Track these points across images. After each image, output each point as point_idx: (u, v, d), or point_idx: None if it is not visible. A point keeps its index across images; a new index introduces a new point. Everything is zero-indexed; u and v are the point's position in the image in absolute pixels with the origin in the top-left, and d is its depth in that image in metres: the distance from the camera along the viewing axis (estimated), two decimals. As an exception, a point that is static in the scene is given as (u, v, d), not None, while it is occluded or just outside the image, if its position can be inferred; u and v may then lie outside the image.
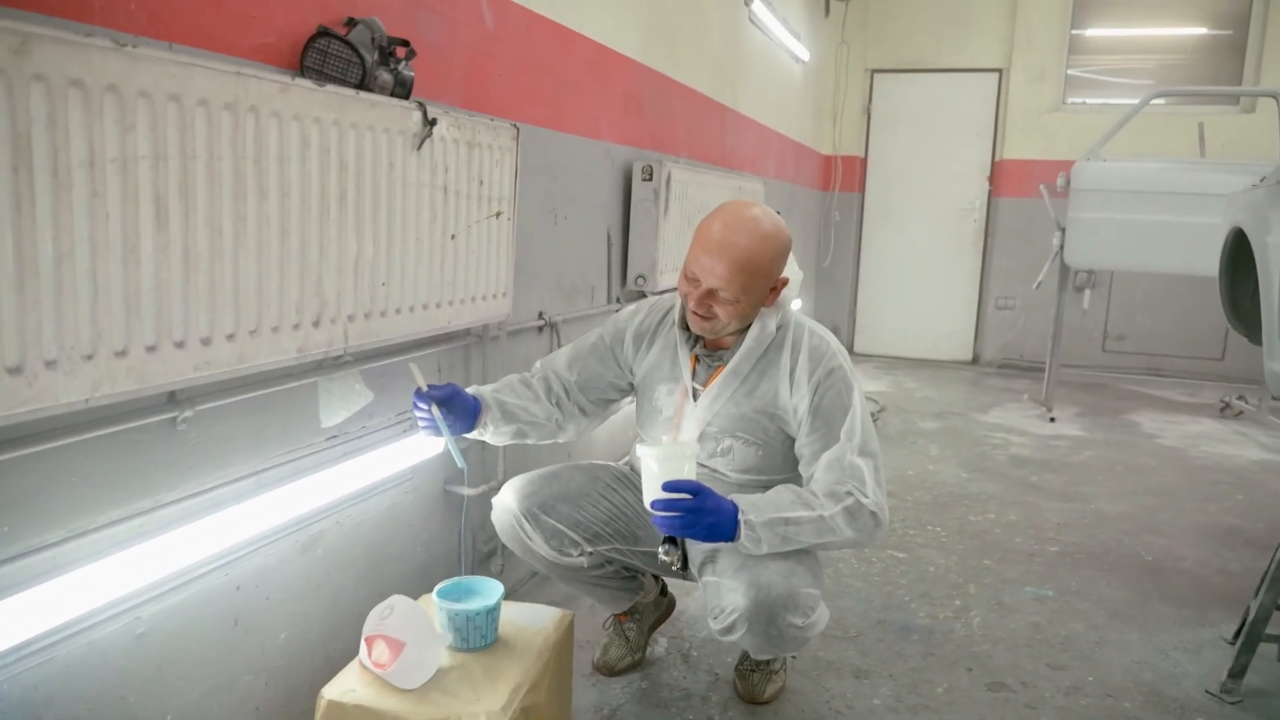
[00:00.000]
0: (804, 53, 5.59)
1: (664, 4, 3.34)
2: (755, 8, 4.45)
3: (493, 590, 1.63)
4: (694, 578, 1.85)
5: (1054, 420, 4.77)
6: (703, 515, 1.56)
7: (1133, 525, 3.20)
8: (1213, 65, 6.03)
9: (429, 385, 1.63)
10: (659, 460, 1.58)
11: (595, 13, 2.75)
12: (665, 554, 1.64)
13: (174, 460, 1.38)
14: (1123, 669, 2.17)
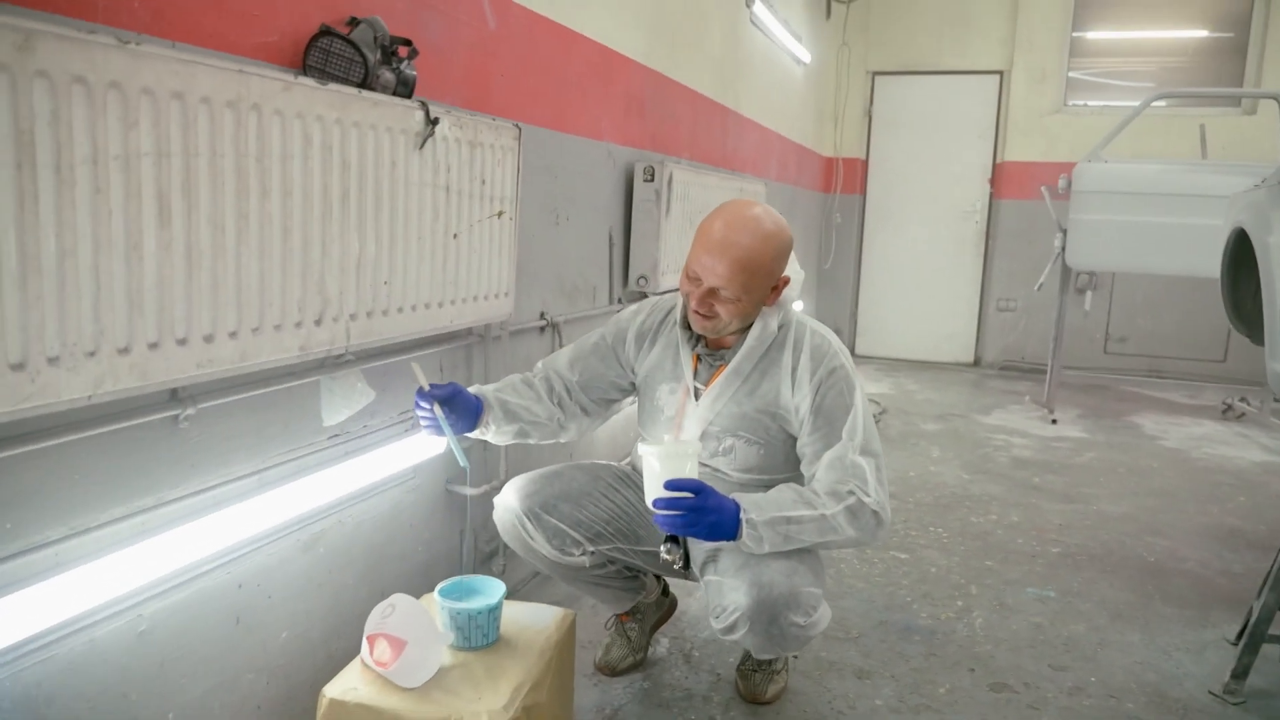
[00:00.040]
0: (805, 55, 5.59)
1: (665, 5, 3.35)
2: (756, 9, 4.45)
3: (494, 589, 1.63)
4: (695, 577, 1.85)
5: (1056, 422, 4.76)
6: (704, 514, 1.56)
7: (1135, 526, 3.19)
8: (1214, 67, 6.03)
9: (431, 384, 1.64)
10: (661, 459, 1.58)
11: (597, 14, 2.75)
12: (667, 553, 1.64)
13: (176, 458, 1.39)
14: (1125, 670, 2.16)
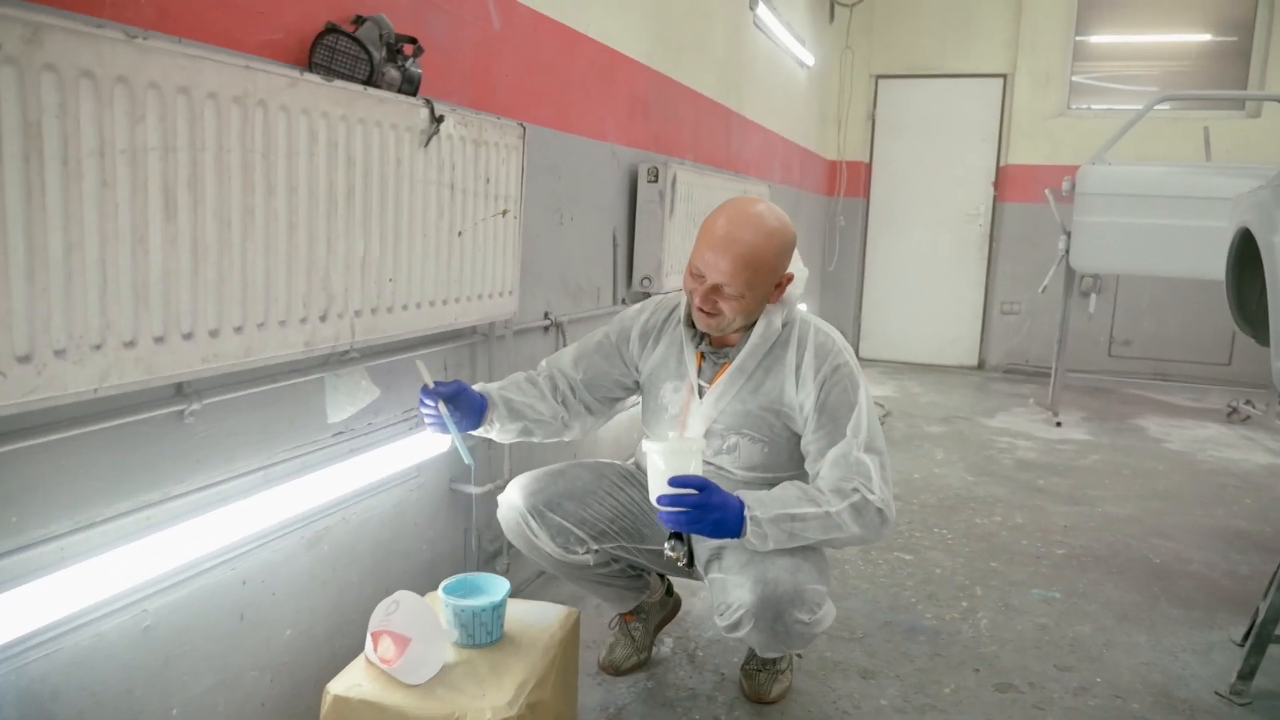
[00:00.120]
0: (809, 58, 5.60)
1: (669, 7, 3.35)
2: (760, 12, 4.46)
3: (499, 587, 1.63)
4: (700, 576, 1.84)
5: (1060, 425, 4.75)
6: (709, 511, 1.55)
7: (1140, 528, 3.18)
8: (1217, 71, 6.03)
9: (435, 382, 1.64)
10: (665, 456, 1.58)
11: (601, 15, 2.76)
12: (671, 550, 1.64)
13: (181, 453, 1.39)
14: (1131, 670, 2.15)
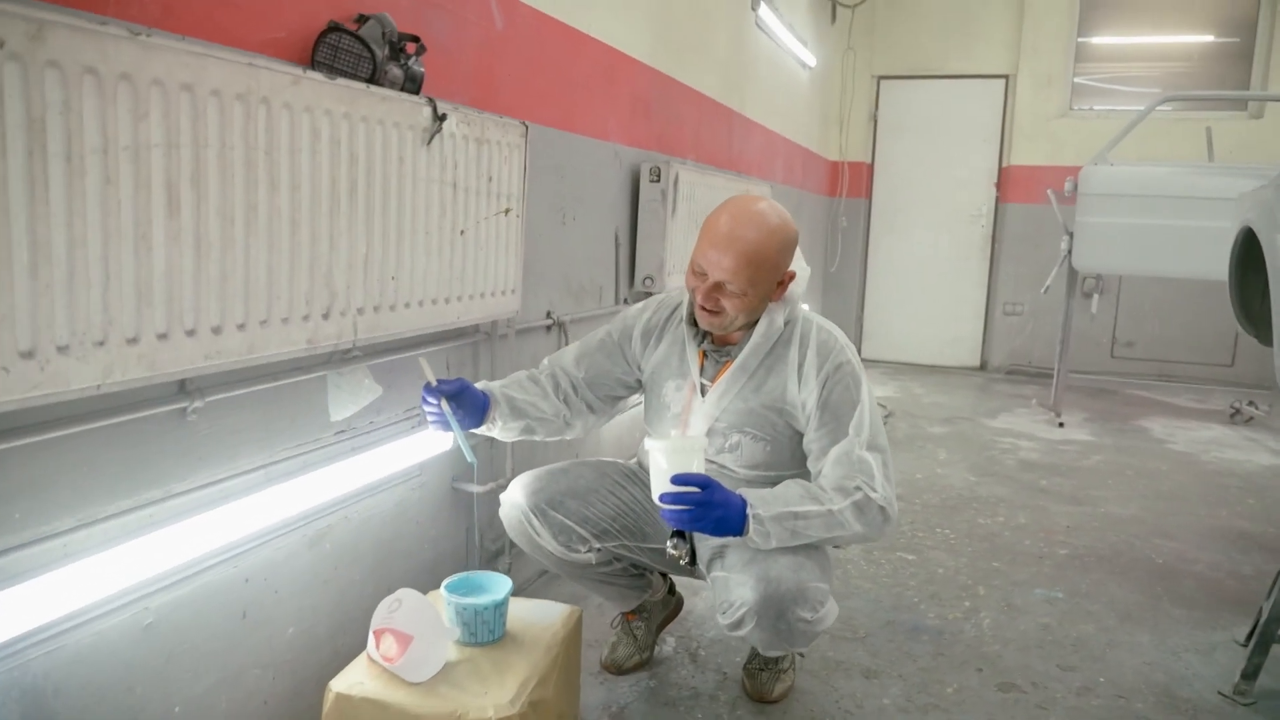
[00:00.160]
0: (810, 59, 5.60)
1: (671, 8, 3.35)
2: (762, 12, 4.46)
3: (501, 585, 1.63)
4: (702, 574, 1.84)
5: (1063, 425, 4.75)
6: (711, 509, 1.55)
7: (1143, 529, 3.18)
8: (1220, 73, 6.02)
9: (438, 380, 1.64)
10: (667, 454, 1.57)
11: (603, 15, 2.76)
12: (673, 548, 1.64)
13: (184, 451, 1.39)
14: (1134, 670, 2.15)
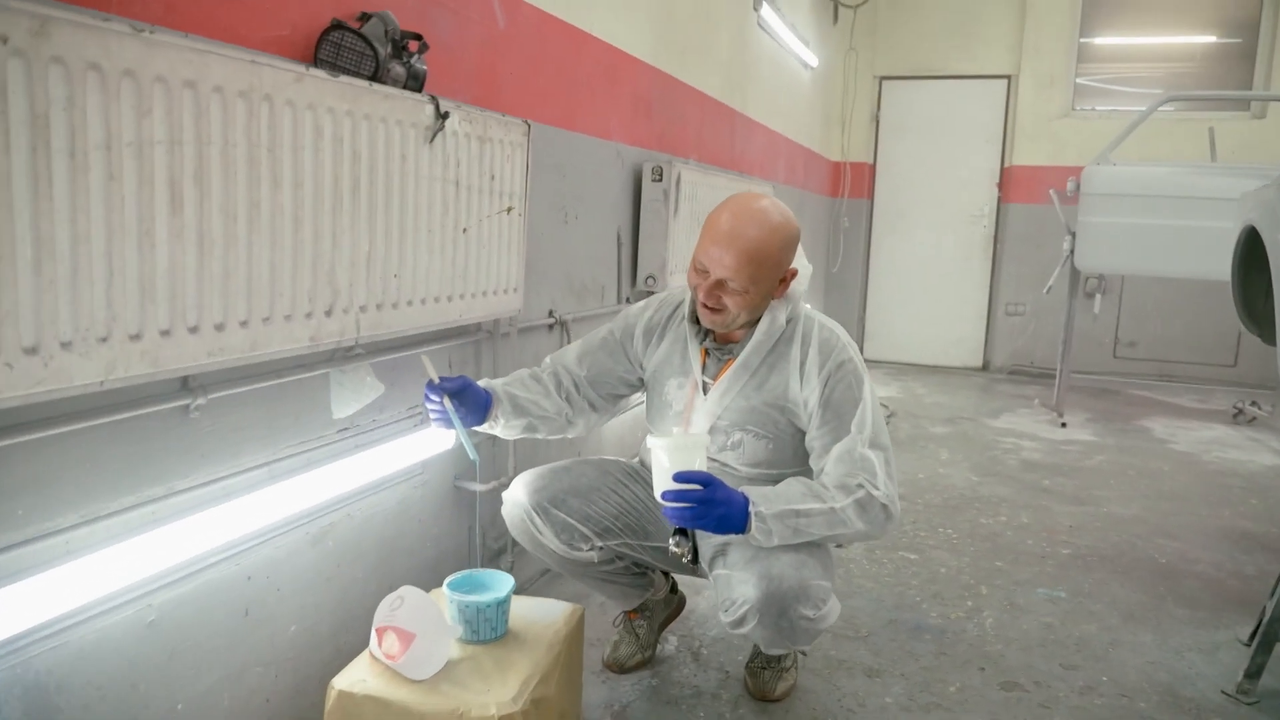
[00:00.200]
0: (812, 59, 5.60)
1: (673, 7, 3.36)
2: (764, 13, 4.46)
3: (503, 583, 1.63)
4: (704, 573, 1.84)
5: (1065, 425, 4.74)
6: (713, 506, 1.55)
7: (1146, 529, 3.17)
8: (1222, 73, 6.01)
9: (441, 377, 1.64)
10: (669, 451, 1.57)
11: (605, 14, 2.76)
12: (675, 545, 1.64)
13: (186, 448, 1.39)
14: (1137, 670, 2.15)
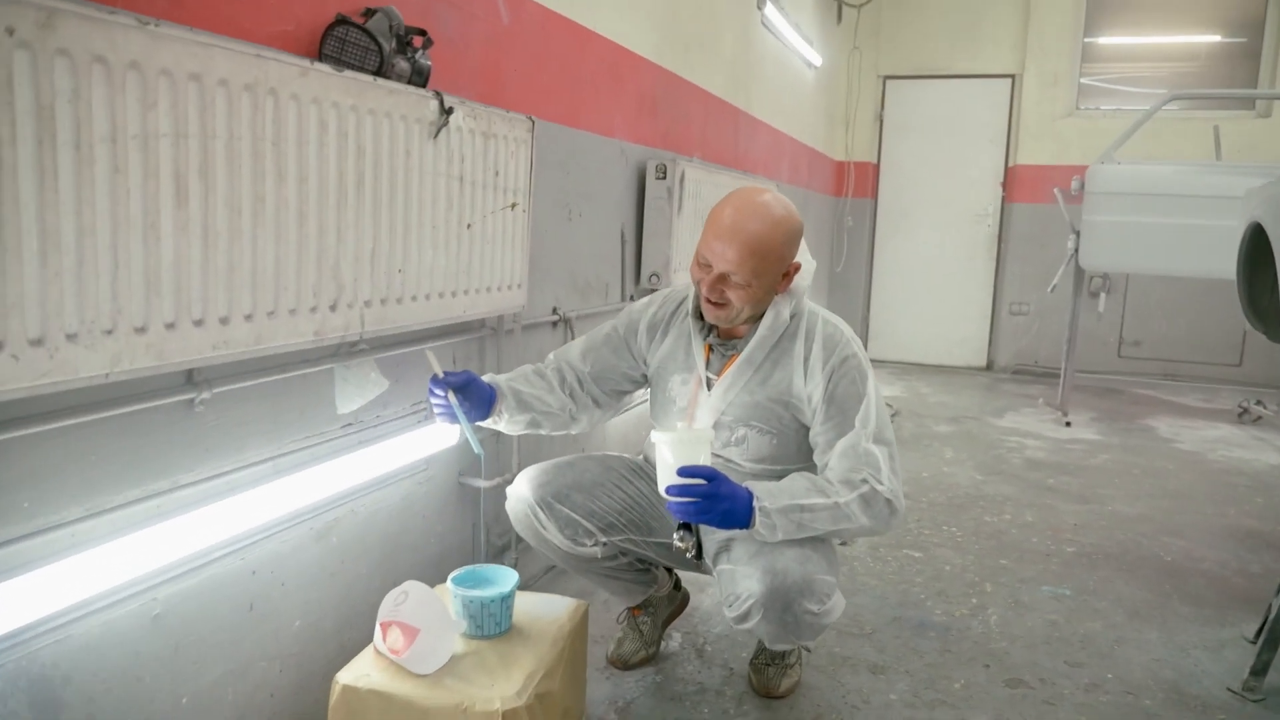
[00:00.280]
0: (816, 58, 5.60)
1: (677, 6, 3.36)
2: (768, 12, 4.46)
3: (507, 578, 1.63)
4: (708, 569, 1.84)
5: (1069, 425, 4.73)
6: (718, 501, 1.55)
7: (1151, 527, 3.17)
8: (1227, 73, 6.00)
9: (445, 372, 1.64)
10: (673, 446, 1.57)
11: (609, 13, 2.76)
12: (679, 540, 1.63)
13: (191, 442, 1.39)
14: (1142, 667, 2.14)
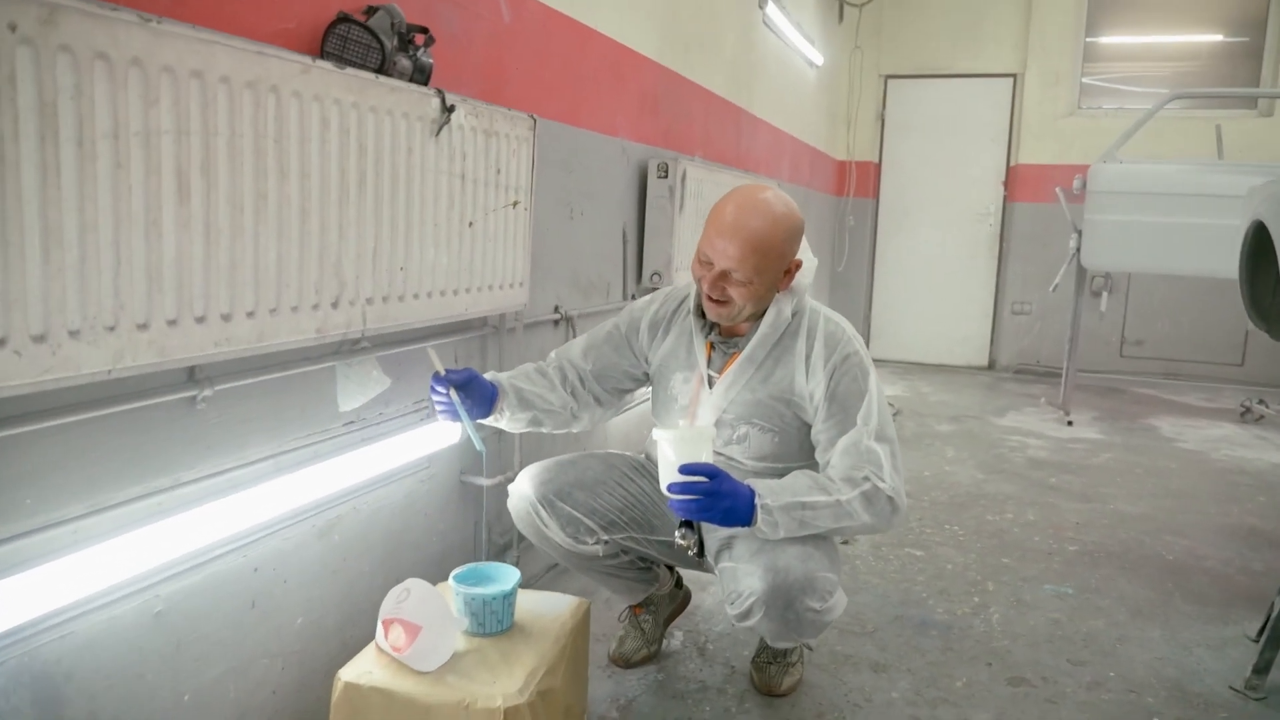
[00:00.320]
0: (818, 57, 5.59)
1: (678, 5, 3.36)
2: (769, 11, 4.46)
3: (509, 576, 1.63)
4: (710, 567, 1.84)
5: (1071, 424, 4.73)
6: (720, 498, 1.55)
7: (1153, 525, 3.16)
8: (1229, 72, 6.00)
9: (447, 369, 1.64)
10: (675, 444, 1.57)
11: (610, 11, 2.76)
12: (682, 538, 1.63)
13: (193, 439, 1.39)
14: (1145, 665, 2.14)
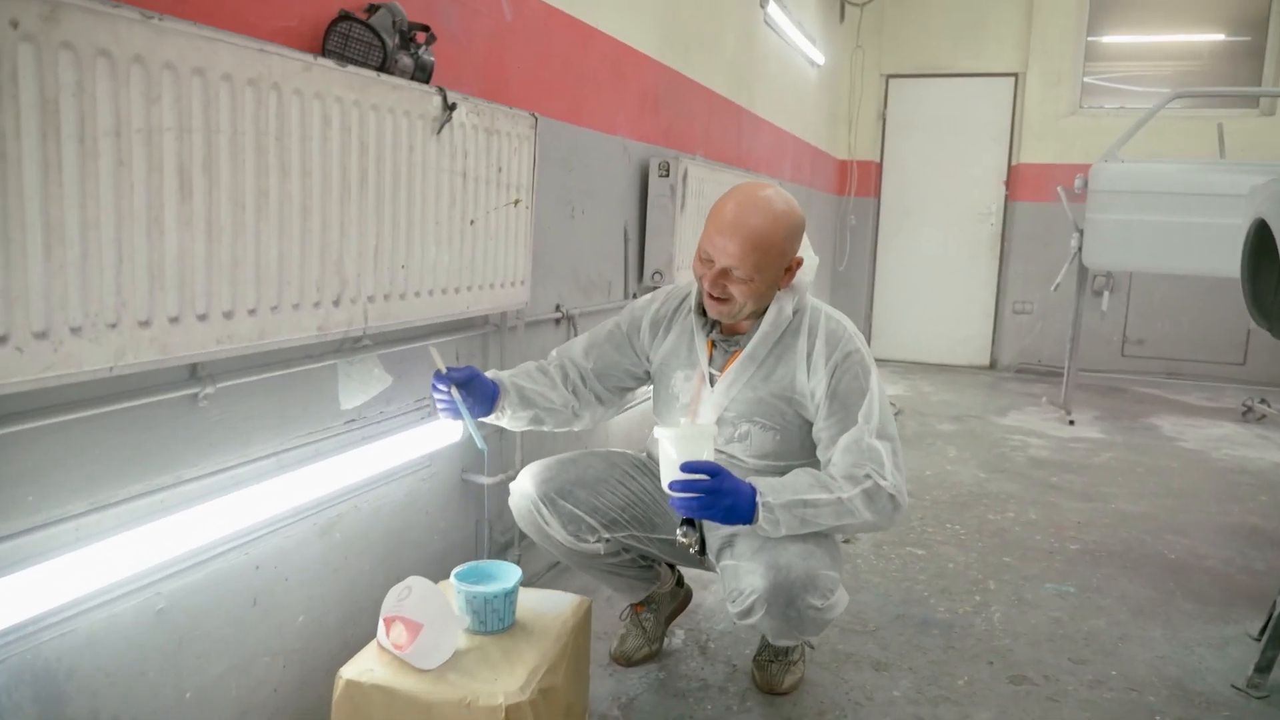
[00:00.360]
0: (819, 57, 5.59)
1: (679, 4, 3.35)
2: (770, 10, 4.46)
3: (511, 574, 1.63)
4: (711, 565, 1.84)
5: (1073, 423, 4.73)
6: (721, 496, 1.55)
7: (1154, 525, 3.16)
8: (1230, 71, 5.99)
9: (448, 368, 1.64)
10: (676, 442, 1.57)
11: (611, 10, 2.76)
12: (683, 536, 1.63)
13: (195, 437, 1.39)
14: (1146, 664, 2.14)
